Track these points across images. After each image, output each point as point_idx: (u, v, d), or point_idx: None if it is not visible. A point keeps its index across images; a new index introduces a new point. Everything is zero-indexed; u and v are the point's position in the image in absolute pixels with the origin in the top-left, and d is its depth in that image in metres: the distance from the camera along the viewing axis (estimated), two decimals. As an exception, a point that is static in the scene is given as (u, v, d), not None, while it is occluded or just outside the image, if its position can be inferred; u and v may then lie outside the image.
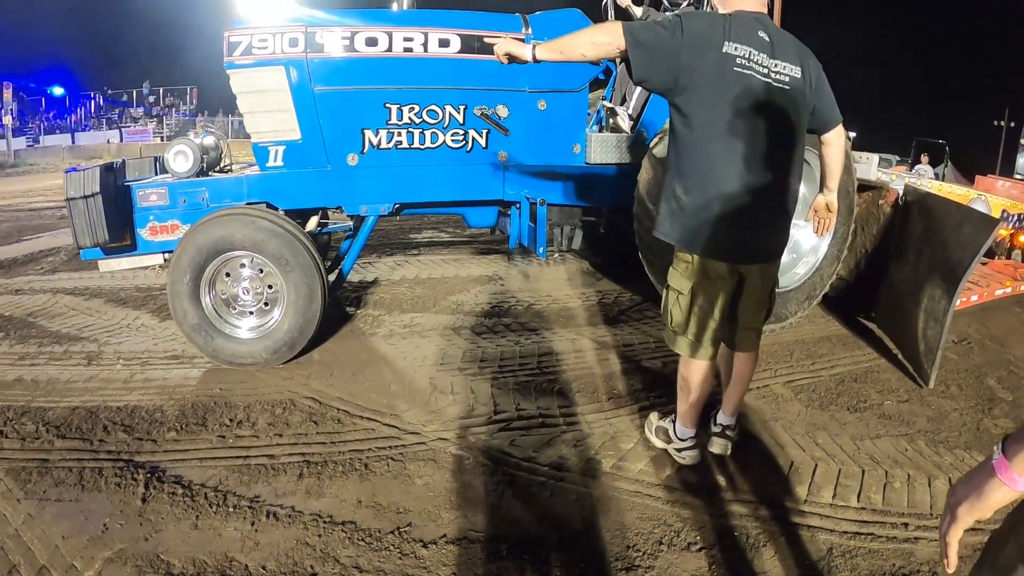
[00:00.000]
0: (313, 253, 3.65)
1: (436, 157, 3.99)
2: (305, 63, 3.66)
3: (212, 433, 3.01)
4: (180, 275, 3.59)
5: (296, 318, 3.64)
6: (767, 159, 2.37)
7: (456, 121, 3.94)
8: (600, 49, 2.39)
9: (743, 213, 2.38)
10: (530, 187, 4.16)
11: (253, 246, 3.59)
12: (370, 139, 3.86)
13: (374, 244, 6.80)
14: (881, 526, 2.48)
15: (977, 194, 9.73)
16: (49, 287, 5.15)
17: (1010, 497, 0.97)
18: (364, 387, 3.49)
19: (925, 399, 3.55)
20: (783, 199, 2.50)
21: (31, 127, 24.98)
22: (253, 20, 3.66)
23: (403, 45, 3.75)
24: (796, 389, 3.60)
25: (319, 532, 2.32)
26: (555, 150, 4.20)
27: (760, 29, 2.35)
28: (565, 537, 2.34)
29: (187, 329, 3.65)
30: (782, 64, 2.35)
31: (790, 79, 2.36)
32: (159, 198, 3.79)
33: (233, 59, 3.66)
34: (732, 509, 2.54)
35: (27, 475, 2.69)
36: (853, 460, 2.91)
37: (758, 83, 2.31)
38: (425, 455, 2.83)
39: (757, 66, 2.31)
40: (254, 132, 3.83)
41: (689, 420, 2.79)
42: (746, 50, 2.29)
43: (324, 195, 3.97)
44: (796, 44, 2.46)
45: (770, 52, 2.33)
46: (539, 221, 4.03)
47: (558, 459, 2.83)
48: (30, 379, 3.58)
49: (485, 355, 3.91)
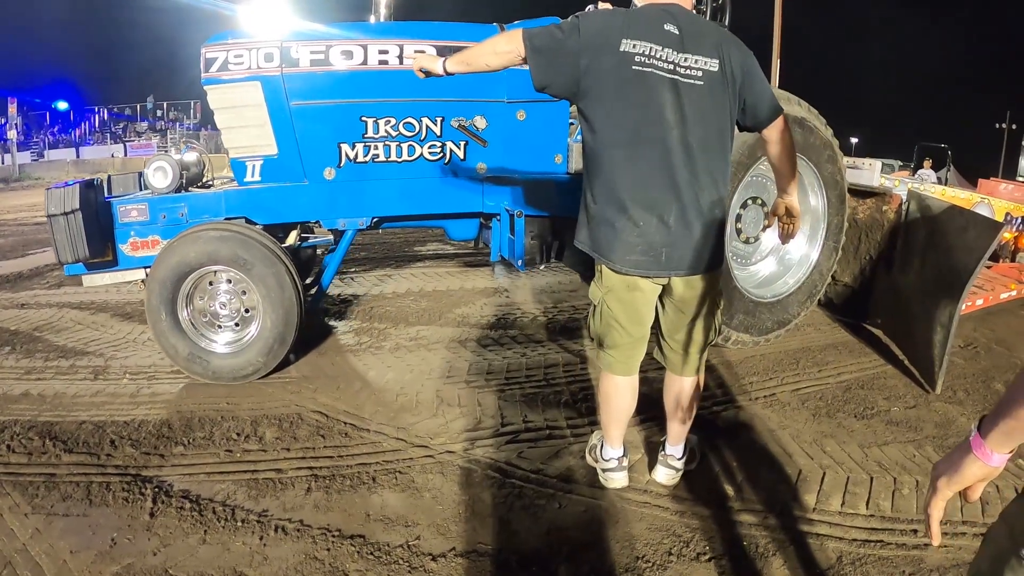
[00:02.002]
0: (288, 266, 3.63)
1: (413, 170, 3.98)
2: (281, 78, 3.68)
3: (219, 447, 3.02)
4: (156, 311, 3.60)
5: (274, 329, 3.63)
6: (676, 163, 2.23)
7: (433, 133, 3.93)
8: (503, 58, 2.34)
9: (649, 222, 2.26)
10: (510, 199, 4.13)
11: (217, 260, 3.58)
12: (347, 153, 3.87)
13: (379, 257, 6.82)
14: (891, 533, 2.47)
15: (980, 198, 9.74)
16: (55, 301, 5.17)
17: (984, 471, 1.06)
18: (371, 400, 3.49)
19: (932, 405, 3.54)
20: (698, 206, 2.29)
21: (36, 141, 25.11)
22: (230, 36, 3.69)
23: (378, 58, 3.75)
24: (803, 397, 3.60)
25: (328, 546, 2.32)
26: (536, 160, 4.17)
27: (667, 21, 2.20)
28: (574, 549, 2.33)
29: (183, 363, 3.67)
30: (693, 57, 2.18)
31: (703, 73, 2.19)
32: (139, 214, 3.81)
33: (210, 75, 3.70)
34: (741, 518, 2.53)
35: (34, 489, 2.69)
36: (861, 467, 2.90)
37: (661, 80, 2.17)
38: (433, 468, 2.83)
39: (660, 62, 2.17)
40: (232, 147, 3.86)
41: (611, 439, 2.67)
42: (646, 46, 2.16)
43: (301, 210, 3.97)
44: (717, 34, 2.29)
45: (678, 46, 2.18)
46: (517, 234, 4.01)
47: (566, 471, 2.83)
48: (36, 393, 3.59)
49: (491, 367, 3.91)
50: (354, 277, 5.90)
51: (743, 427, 3.25)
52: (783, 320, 4.37)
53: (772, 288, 4.40)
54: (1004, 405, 1.00)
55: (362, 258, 6.81)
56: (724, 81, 2.22)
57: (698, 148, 2.24)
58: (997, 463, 1.04)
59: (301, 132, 3.78)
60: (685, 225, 2.28)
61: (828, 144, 4.31)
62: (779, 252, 4.53)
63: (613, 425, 2.65)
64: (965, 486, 1.09)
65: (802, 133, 4.16)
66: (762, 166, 4.15)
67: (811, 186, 4.38)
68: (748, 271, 4.46)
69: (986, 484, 1.10)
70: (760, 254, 4.50)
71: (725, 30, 2.37)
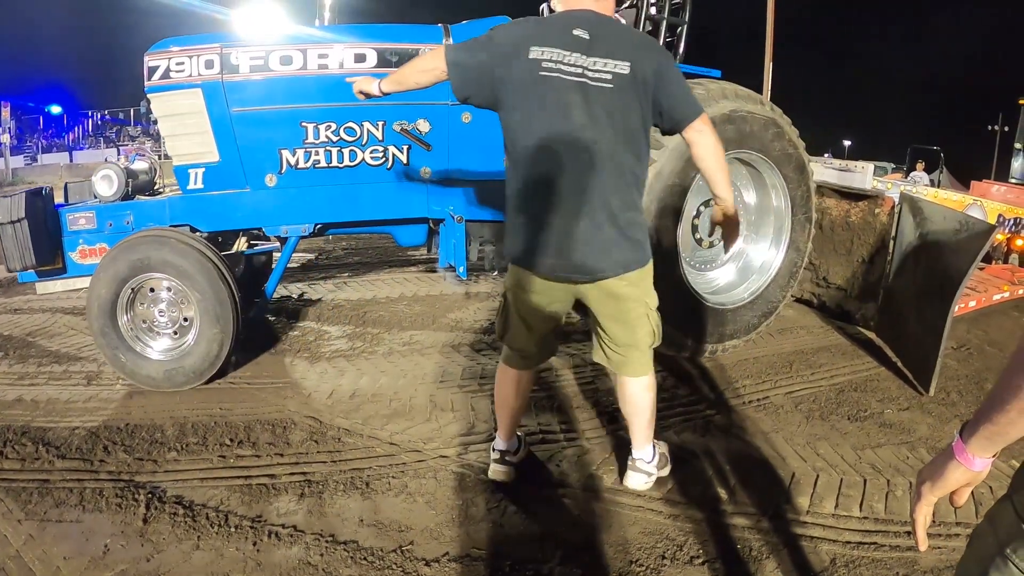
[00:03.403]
0: (224, 273, 3.59)
1: (355, 175, 3.95)
2: (221, 85, 3.69)
3: (213, 453, 3.01)
4: (96, 317, 3.57)
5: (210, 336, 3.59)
6: (584, 165, 2.25)
7: (375, 138, 3.91)
8: (429, 75, 2.43)
9: (558, 223, 2.29)
10: (456, 203, 4.09)
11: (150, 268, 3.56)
12: (287, 159, 3.85)
13: (372, 263, 6.81)
14: (884, 535, 2.48)
15: (973, 199, 9.78)
16: (48, 306, 5.15)
17: (967, 476, 1.07)
18: (364, 405, 3.48)
19: (926, 407, 3.55)
20: (607, 208, 2.28)
21: (29, 145, 25.01)
22: (172, 44, 3.70)
23: (318, 62, 3.75)
24: (796, 400, 3.60)
25: (321, 551, 2.32)
26: (484, 163, 4.09)
27: (578, 27, 2.23)
28: (568, 553, 2.33)
29: (144, 378, 3.63)
30: (602, 61, 2.20)
31: (613, 76, 2.20)
32: (87, 222, 3.83)
33: (152, 83, 3.70)
34: (734, 522, 2.54)
35: (28, 496, 2.68)
36: (855, 470, 2.91)
37: (566, 83, 2.21)
38: (426, 473, 2.82)
39: (567, 66, 2.21)
40: (175, 155, 3.86)
41: (499, 430, 2.74)
42: (553, 52, 2.21)
43: (243, 216, 3.96)
44: (631, 39, 2.33)
45: (586, 50, 2.21)
46: (457, 238, 4.00)
47: (559, 475, 2.83)
48: (30, 399, 3.57)
49: (485, 372, 3.90)
50: (347, 282, 5.89)
51: (736, 430, 3.26)
52: (767, 311, 4.35)
53: (748, 286, 4.37)
54: (984, 411, 1.01)
55: (355, 263, 6.81)
56: (635, 84, 2.22)
57: (607, 150, 2.25)
58: (980, 468, 1.05)
59: (242, 139, 3.78)
60: (594, 226, 2.28)
61: (793, 146, 4.26)
62: (740, 260, 4.49)
63: (499, 416, 2.74)
64: (949, 491, 1.11)
65: (772, 136, 4.14)
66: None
67: (774, 187, 4.34)
68: (707, 277, 4.43)
69: (972, 488, 1.11)
70: (722, 260, 4.47)
71: (641, 35, 2.41)
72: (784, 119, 4.29)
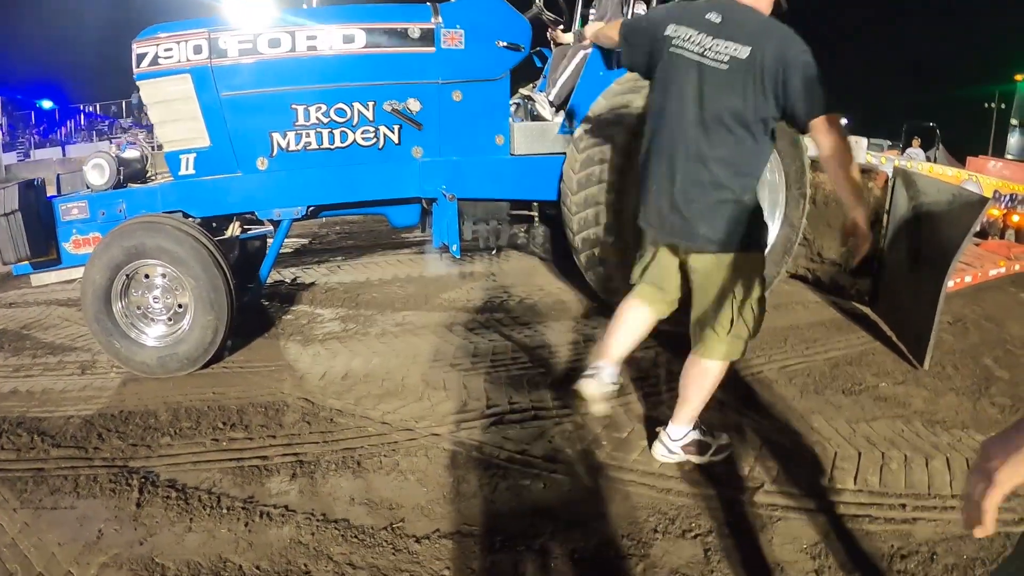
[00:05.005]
0: (218, 258, 3.59)
1: (347, 156, 3.93)
2: (210, 69, 3.65)
3: (206, 436, 3.01)
4: (91, 304, 3.57)
5: (205, 322, 3.59)
6: (688, 138, 2.36)
7: (365, 118, 3.88)
8: (611, 43, 2.86)
9: (660, 188, 2.47)
10: (449, 182, 4.06)
11: (144, 254, 3.56)
12: (278, 142, 3.82)
13: (366, 245, 6.79)
14: (879, 508, 2.48)
15: (968, 175, 9.75)
16: (43, 299, 5.13)
17: None
18: (357, 386, 3.48)
19: (921, 380, 3.54)
20: (700, 183, 2.38)
21: (22, 141, 24.83)
22: (160, 30, 3.67)
23: (306, 44, 3.71)
24: (790, 374, 3.60)
25: (312, 531, 2.32)
26: (475, 142, 4.09)
27: (713, 11, 2.34)
28: (559, 528, 2.34)
29: (138, 364, 3.63)
30: (724, 43, 2.28)
31: (730, 59, 2.26)
32: (80, 211, 3.81)
33: (141, 70, 3.67)
34: (728, 495, 2.54)
35: (23, 485, 2.69)
36: (849, 443, 2.91)
37: (685, 62, 2.35)
38: (418, 451, 2.83)
39: (691, 45, 2.34)
40: (166, 141, 3.83)
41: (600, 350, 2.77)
42: (684, 31, 2.36)
43: (236, 201, 3.94)
44: (760, 25, 2.32)
45: (714, 32, 2.30)
46: (449, 217, 3.97)
47: (551, 451, 2.83)
48: (25, 390, 3.57)
49: (478, 350, 3.90)
50: (340, 266, 5.87)
51: (729, 405, 3.25)
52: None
53: None
54: None
55: (349, 247, 6.78)
56: (751, 69, 2.24)
57: (711, 127, 2.33)
58: None
59: (232, 123, 3.75)
60: (686, 199, 2.39)
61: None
62: None
63: (607, 337, 2.76)
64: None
65: None
66: None
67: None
68: None
69: None
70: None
71: (776, 24, 2.34)
72: None
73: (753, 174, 2.43)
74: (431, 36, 3.83)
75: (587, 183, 3.93)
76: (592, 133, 3.92)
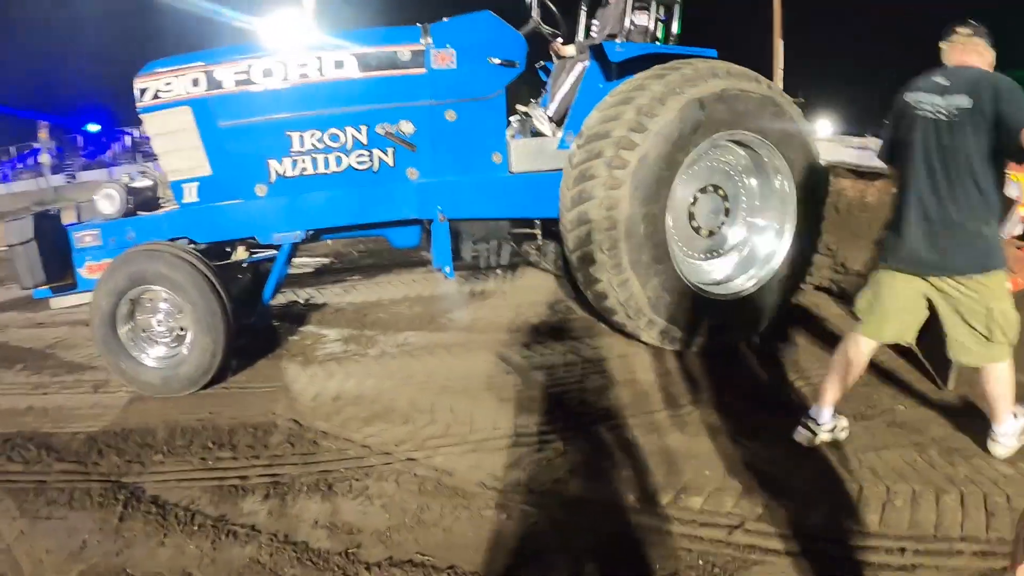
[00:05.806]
0: (215, 283, 3.73)
1: (343, 180, 4.01)
2: (208, 101, 3.82)
3: (195, 455, 3.15)
4: (99, 326, 3.78)
5: (203, 344, 3.74)
6: (928, 183, 2.72)
7: (359, 142, 3.96)
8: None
9: (908, 229, 2.78)
10: (445, 203, 4.09)
11: (144, 280, 3.73)
12: (275, 169, 3.95)
13: (385, 264, 6.89)
14: (874, 552, 2.32)
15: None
16: (70, 319, 5.36)
17: None
18: (346, 407, 3.57)
19: (943, 403, 3.31)
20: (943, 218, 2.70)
21: (69, 163, 25.82)
22: (159, 65, 3.85)
23: (298, 72, 3.83)
24: (804, 394, 3.47)
25: (271, 551, 2.41)
26: (472, 161, 4.11)
27: (939, 75, 2.73)
28: (514, 562, 2.34)
29: (143, 384, 3.82)
30: (952, 98, 2.63)
31: (959, 110, 2.61)
32: (93, 239, 4.03)
33: (144, 104, 3.87)
34: (706, 535, 2.44)
35: (25, 495, 2.89)
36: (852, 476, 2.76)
37: (925, 120, 2.71)
38: (390, 476, 2.88)
39: (928, 105, 2.70)
40: (169, 171, 4.02)
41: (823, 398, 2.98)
42: (921, 95, 2.74)
43: (237, 227, 4.08)
44: (974, 77, 2.66)
45: (942, 92, 2.67)
46: (440, 238, 4.01)
47: (521, 480, 2.81)
48: (40, 407, 3.81)
49: (471, 372, 3.94)
50: (355, 285, 6.02)
51: (727, 432, 3.17)
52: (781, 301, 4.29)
53: (761, 271, 4.30)
54: None
55: (368, 265, 6.94)
56: (975, 113, 2.58)
57: (946, 171, 2.68)
58: None
59: (232, 152, 3.91)
60: (931, 234, 2.74)
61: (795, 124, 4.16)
62: (744, 249, 4.41)
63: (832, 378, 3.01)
64: None
65: (771, 115, 4.04)
66: (717, 150, 4.09)
67: (775, 170, 4.23)
68: (707, 267, 4.36)
69: None
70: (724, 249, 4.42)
71: (985, 72, 2.70)
72: (784, 97, 4.19)
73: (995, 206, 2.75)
74: (421, 57, 3.92)
75: (580, 200, 3.88)
76: (585, 148, 3.90)
